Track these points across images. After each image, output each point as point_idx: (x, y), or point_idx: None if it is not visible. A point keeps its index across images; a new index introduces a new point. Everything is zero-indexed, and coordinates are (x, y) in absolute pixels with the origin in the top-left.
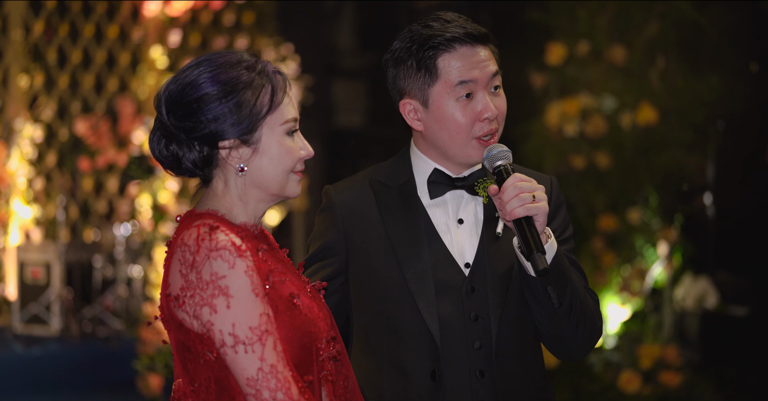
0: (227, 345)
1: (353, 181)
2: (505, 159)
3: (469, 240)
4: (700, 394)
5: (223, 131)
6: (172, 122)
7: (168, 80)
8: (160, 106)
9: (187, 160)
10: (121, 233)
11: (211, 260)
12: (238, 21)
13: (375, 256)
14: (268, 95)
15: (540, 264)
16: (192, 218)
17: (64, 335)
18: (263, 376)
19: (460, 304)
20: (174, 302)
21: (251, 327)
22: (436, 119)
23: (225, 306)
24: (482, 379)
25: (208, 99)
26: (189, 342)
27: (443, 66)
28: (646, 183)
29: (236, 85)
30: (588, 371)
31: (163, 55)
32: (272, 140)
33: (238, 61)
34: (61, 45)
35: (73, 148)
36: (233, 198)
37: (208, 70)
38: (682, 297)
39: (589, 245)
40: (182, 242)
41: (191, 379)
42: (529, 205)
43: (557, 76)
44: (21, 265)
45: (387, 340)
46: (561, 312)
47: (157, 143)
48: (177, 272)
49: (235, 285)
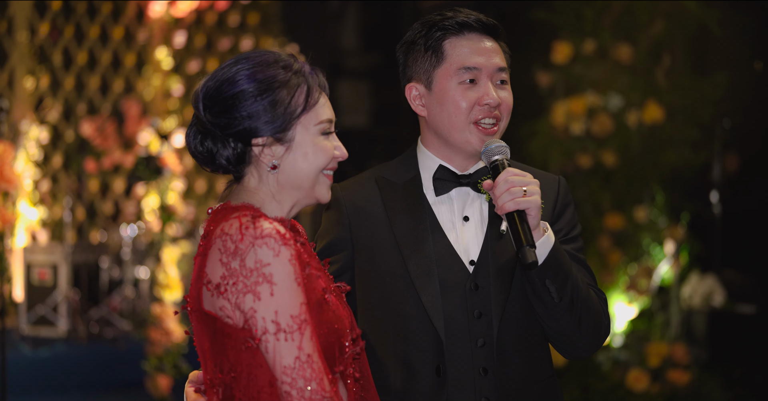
0: (269, 332)
1: (359, 178)
2: (501, 154)
3: (474, 237)
4: (708, 392)
5: (257, 128)
6: (208, 118)
7: (206, 77)
8: (198, 101)
9: (221, 156)
10: (127, 234)
11: (255, 247)
12: (243, 22)
13: (380, 253)
14: (304, 95)
15: (528, 258)
16: (228, 211)
17: (72, 336)
18: (300, 365)
19: (463, 301)
20: (214, 290)
21: (292, 315)
22: (438, 101)
23: (269, 294)
24: (485, 376)
25: (243, 96)
26: (229, 330)
27: (449, 48)
28: (652, 181)
29: (272, 84)
30: (596, 370)
31: (169, 55)
32: (306, 139)
33: (275, 60)
34: (67, 46)
35: (79, 149)
36: (266, 195)
37: (245, 68)
38: (689, 296)
39: (596, 244)
40: (222, 232)
41: (231, 366)
42: (519, 199)
43: (563, 74)
44: (28, 267)
45: (392, 336)
46: (561, 307)
47: (193, 138)
48: (216, 261)
49: (280, 272)
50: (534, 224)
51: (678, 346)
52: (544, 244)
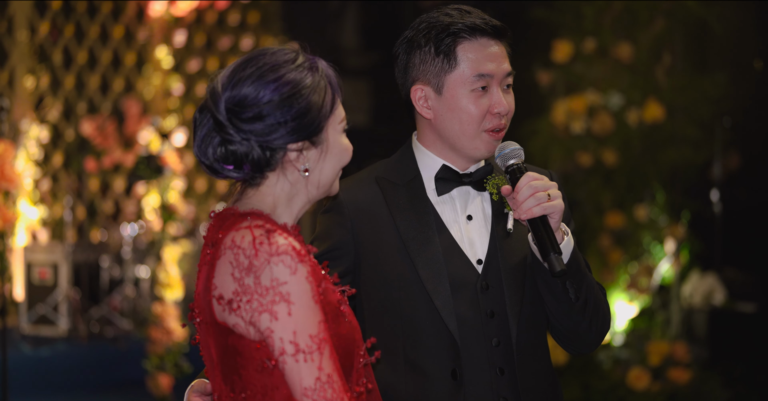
0: (287, 353)
1: (359, 178)
2: (517, 157)
3: (479, 236)
4: (708, 391)
5: (292, 134)
6: (235, 124)
7: (223, 78)
8: (219, 105)
9: (249, 162)
10: (128, 233)
11: (271, 265)
12: (243, 21)
13: (387, 255)
14: (330, 95)
15: (557, 266)
16: (236, 218)
17: (72, 335)
18: (320, 386)
19: (475, 301)
20: (225, 306)
21: (311, 335)
22: (449, 108)
23: (286, 314)
24: (502, 376)
25: (277, 103)
26: (242, 348)
27: (462, 54)
28: (652, 180)
29: (303, 88)
30: (597, 368)
31: (169, 55)
32: (336, 139)
33: (294, 60)
34: (67, 46)
35: (80, 148)
36: (281, 198)
37: (270, 72)
38: (689, 294)
39: (597, 242)
40: (234, 244)
41: (243, 387)
42: (545, 204)
43: (564, 73)
44: (28, 266)
45: (403, 341)
46: (577, 308)
47: (213, 145)
48: (228, 275)
49: (297, 291)
50: (555, 227)
51: (679, 345)
52: (566, 247)
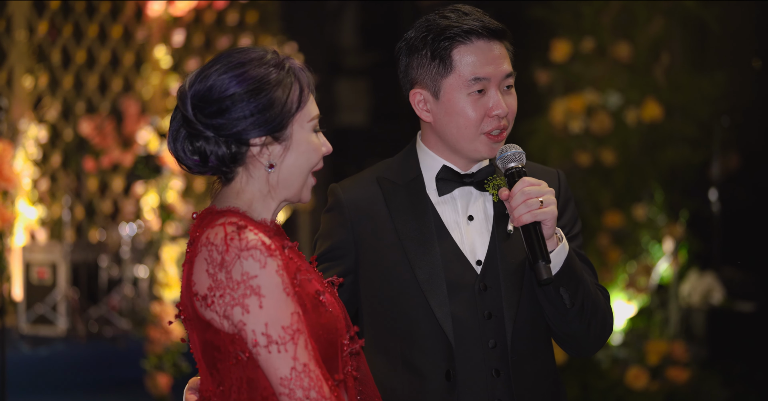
0: (260, 345)
1: (360, 178)
2: (517, 161)
3: (479, 237)
4: (707, 390)
5: (254, 129)
6: (200, 119)
7: (192, 76)
8: (186, 102)
9: (215, 156)
10: (126, 233)
11: (242, 260)
12: (242, 20)
13: (386, 255)
14: (297, 92)
15: (543, 274)
16: (213, 216)
17: (71, 335)
18: (296, 375)
19: (473, 302)
20: (201, 301)
21: (283, 326)
22: (446, 111)
23: (257, 306)
24: (498, 378)
25: (239, 97)
26: (219, 342)
27: (458, 58)
28: (651, 179)
29: (267, 83)
30: (595, 367)
31: (167, 54)
32: (301, 137)
33: (263, 58)
34: (65, 45)
35: (78, 148)
36: (255, 195)
37: (235, 67)
38: (688, 293)
39: (595, 241)
40: (208, 241)
41: (220, 380)
42: (536, 211)
43: (562, 73)
44: (27, 266)
45: (400, 341)
46: (573, 313)
47: (181, 141)
48: (203, 271)
49: (267, 284)
50: (549, 234)
51: (677, 344)
52: (559, 253)
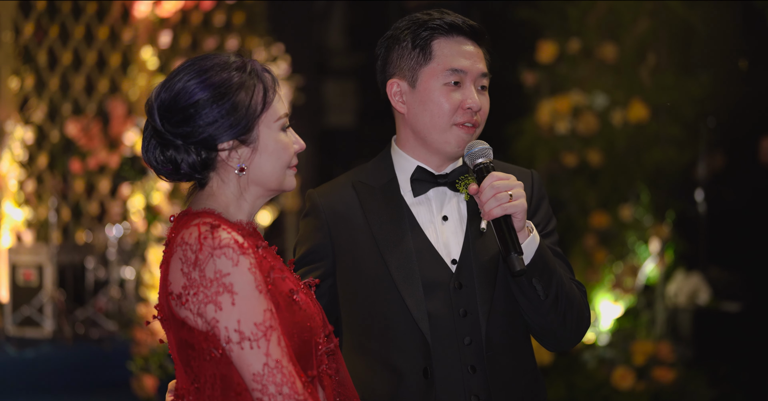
0: (233, 341)
1: (336, 183)
2: (485, 156)
3: (454, 236)
4: (693, 390)
5: (221, 134)
6: (167, 129)
7: (157, 87)
8: (153, 113)
9: (186, 164)
10: (113, 234)
11: (214, 258)
12: (229, 21)
13: (362, 258)
14: (261, 94)
15: (517, 266)
16: (189, 217)
17: (57, 337)
18: (269, 371)
19: (448, 301)
20: (176, 300)
21: (256, 323)
22: (420, 100)
23: (230, 303)
24: (474, 374)
25: (203, 103)
26: (193, 340)
27: (438, 48)
28: (637, 180)
29: (229, 87)
30: (581, 368)
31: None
32: (269, 137)
33: (226, 63)
34: (52, 46)
35: (65, 149)
36: (229, 197)
37: (198, 75)
38: (674, 294)
39: (582, 242)
40: (182, 241)
41: (195, 377)
42: (506, 205)
43: (548, 74)
44: (13, 267)
45: (378, 340)
46: (547, 304)
47: (153, 151)
48: (178, 270)
49: (240, 282)
50: (519, 226)
51: (663, 344)
52: (530, 244)
